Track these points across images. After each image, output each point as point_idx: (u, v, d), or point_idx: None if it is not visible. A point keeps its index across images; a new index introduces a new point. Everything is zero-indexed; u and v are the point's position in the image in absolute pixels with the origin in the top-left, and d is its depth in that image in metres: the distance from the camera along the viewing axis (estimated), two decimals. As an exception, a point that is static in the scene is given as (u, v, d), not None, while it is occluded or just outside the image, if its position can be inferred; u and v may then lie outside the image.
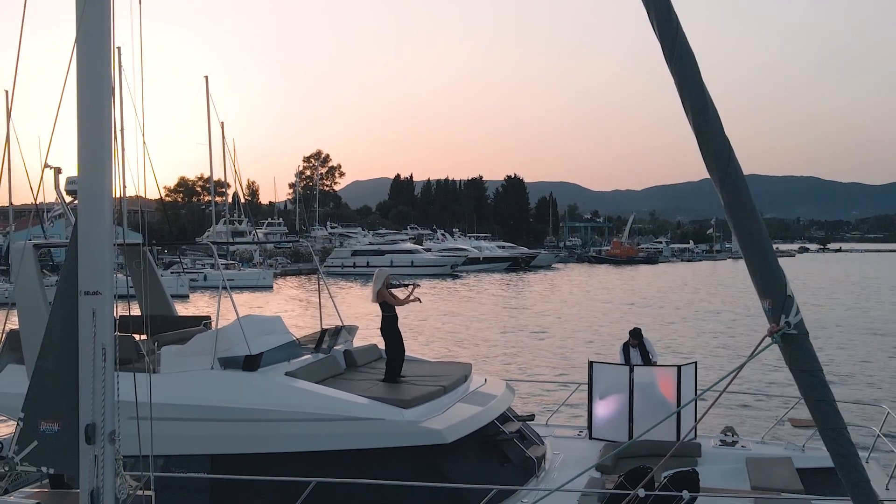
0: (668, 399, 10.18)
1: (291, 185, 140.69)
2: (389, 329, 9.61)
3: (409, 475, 7.42)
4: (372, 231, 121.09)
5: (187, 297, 51.69)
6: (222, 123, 69.51)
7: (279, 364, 8.78)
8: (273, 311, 42.08)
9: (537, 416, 11.44)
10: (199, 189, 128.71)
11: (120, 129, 5.48)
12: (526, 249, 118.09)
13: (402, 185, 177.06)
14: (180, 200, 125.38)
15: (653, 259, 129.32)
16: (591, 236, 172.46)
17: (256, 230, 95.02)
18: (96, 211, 5.38)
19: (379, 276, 9.75)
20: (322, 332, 9.98)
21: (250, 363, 8.38)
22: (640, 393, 10.22)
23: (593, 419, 10.64)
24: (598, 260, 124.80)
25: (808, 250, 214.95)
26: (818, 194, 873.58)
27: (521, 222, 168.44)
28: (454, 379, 9.17)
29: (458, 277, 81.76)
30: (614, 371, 10.64)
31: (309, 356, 9.43)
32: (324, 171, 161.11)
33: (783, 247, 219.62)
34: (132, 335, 8.32)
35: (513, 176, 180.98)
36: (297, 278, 78.25)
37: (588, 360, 11.21)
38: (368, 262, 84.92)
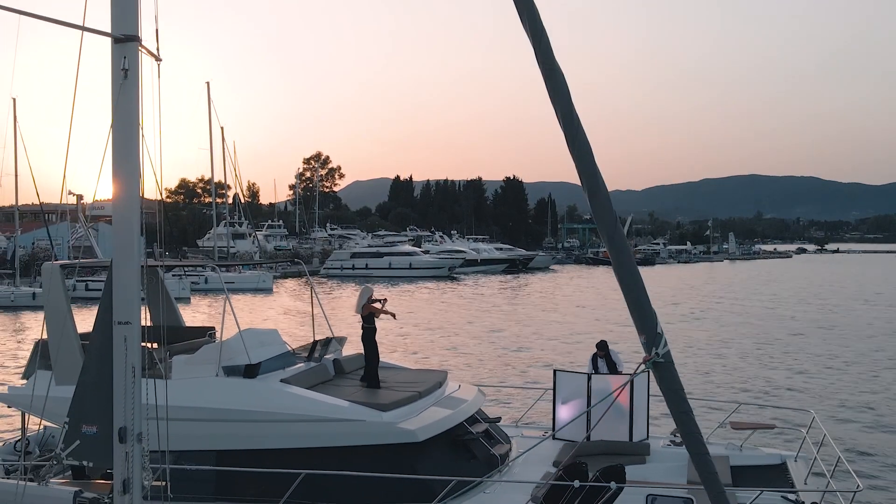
0: (622, 404, 11.42)
1: (291, 187, 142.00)
2: (369, 339, 11.08)
3: (386, 469, 8.75)
4: (371, 233, 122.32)
5: (188, 300, 52.88)
6: (223, 128, 70.98)
7: (275, 372, 10.12)
8: (271, 317, 43.75)
9: (513, 419, 12.69)
10: (199, 191, 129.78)
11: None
12: (523, 251, 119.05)
13: (401, 187, 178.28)
14: (181, 201, 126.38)
15: (650, 260, 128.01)
16: (589, 237, 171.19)
17: (256, 232, 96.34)
18: (129, 266, 6.78)
19: (364, 292, 11.27)
20: (314, 343, 11.40)
21: (250, 371, 9.73)
22: (596, 398, 11.47)
23: (556, 421, 11.91)
24: (595, 261, 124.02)
25: (805, 251, 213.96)
26: (818, 194, 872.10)
27: (519, 224, 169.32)
28: (429, 385, 10.49)
29: (456, 279, 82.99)
30: (575, 379, 11.93)
31: (302, 364, 10.80)
32: (324, 172, 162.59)
33: (781, 247, 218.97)
34: (149, 345, 9.69)
35: (512, 177, 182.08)
36: (297, 280, 79.38)
37: (553, 369, 12.48)
38: (367, 265, 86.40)
